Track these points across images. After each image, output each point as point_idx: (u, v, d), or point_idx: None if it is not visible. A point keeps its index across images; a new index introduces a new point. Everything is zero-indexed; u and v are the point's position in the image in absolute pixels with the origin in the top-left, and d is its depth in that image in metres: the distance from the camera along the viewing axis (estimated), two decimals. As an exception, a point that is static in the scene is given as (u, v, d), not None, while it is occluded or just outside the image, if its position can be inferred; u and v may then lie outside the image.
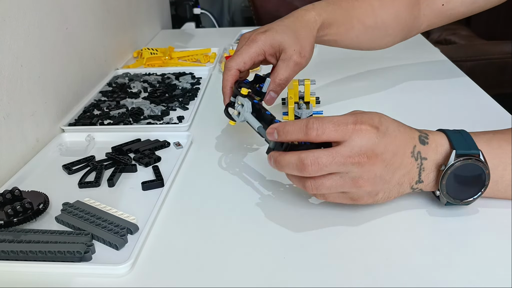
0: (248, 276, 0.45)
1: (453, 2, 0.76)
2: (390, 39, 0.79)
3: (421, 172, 0.50)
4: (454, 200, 0.50)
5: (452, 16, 0.78)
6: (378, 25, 0.76)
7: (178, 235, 0.51)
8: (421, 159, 0.49)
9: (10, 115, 0.65)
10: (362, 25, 0.75)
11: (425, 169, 0.49)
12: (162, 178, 0.60)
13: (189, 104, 0.85)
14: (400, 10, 0.76)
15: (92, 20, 0.96)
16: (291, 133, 0.49)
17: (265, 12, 1.96)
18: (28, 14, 0.71)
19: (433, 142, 0.50)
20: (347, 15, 0.74)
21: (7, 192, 0.55)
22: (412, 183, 0.50)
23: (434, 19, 0.79)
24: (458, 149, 0.48)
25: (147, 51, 1.10)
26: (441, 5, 0.76)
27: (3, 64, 0.64)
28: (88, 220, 0.52)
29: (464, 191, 0.49)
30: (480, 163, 0.48)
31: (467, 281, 0.42)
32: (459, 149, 0.48)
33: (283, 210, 0.54)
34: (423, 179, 0.50)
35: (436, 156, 0.49)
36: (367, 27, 0.75)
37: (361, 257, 0.46)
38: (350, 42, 0.77)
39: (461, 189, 0.49)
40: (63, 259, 0.46)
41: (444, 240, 0.48)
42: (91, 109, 0.84)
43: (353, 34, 0.75)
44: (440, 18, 0.78)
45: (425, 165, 0.49)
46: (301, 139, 0.49)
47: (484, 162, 0.48)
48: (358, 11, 0.74)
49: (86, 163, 0.66)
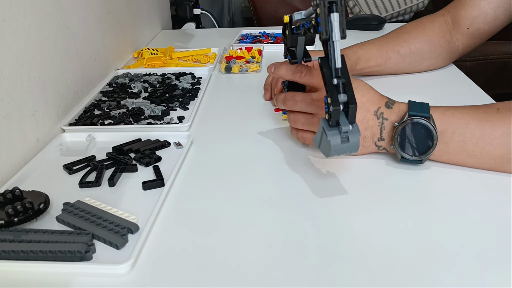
0: (248, 276, 0.45)
1: (476, 24, 0.84)
2: (429, 62, 0.91)
3: (382, 130, 0.60)
4: (406, 154, 0.59)
5: (481, 35, 0.86)
6: (412, 51, 0.88)
7: (178, 235, 0.51)
8: (383, 119, 0.59)
9: (11, 115, 0.65)
10: (398, 54, 0.88)
11: (385, 128, 0.60)
12: (162, 178, 0.61)
13: (189, 104, 0.85)
14: (432, 36, 0.87)
15: (92, 20, 0.96)
16: (283, 69, 0.64)
17: (265, 13, 1.96)
18: (28, 14, 0.71)
19: (396, 107, 0.60)
20: (382, 49, 0.87)
21: (7, 192, 0.55)
22: (374, 139, 0.61)
23: (467, 41, 0.87)
24: (411, 111, 0.58)
25: (147, 51, 1.11)
26: (467, 29, 0.86)
27: (3, 64, 0.64)
28: (89, 219, 0.52)
29: (415, 147, 0.58)
30: (427, 123, 0.56)
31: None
32: (412, 111, 0.58)
33: (284, 210, 0.54)
34: (384, 136, 0.60)
35: (396, 117, 0.59)
36: (403, 54, 0.88)
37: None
38: (390, 70, 0.89)
39: (412, 146, 0.58)
40: (63, 258, 0.47)
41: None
42: (92, 109, 0.84)
43: (392, 63, 0.88)
44: (472, 40, 0.87)
45: (385, 124, 0.60)
46: (288, 77, 0.64)
47: (431, 123, 0.56)
48: (391, 43, 0.87)
49: (86, 163, 0.66)
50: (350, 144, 0.52)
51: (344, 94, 0.51)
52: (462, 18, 0.86)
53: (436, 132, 0.57)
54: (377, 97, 0.60)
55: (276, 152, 0.68)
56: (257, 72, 1.03)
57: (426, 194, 0.56)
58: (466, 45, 0.88)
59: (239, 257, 0.47)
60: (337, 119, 0.51)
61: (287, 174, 0.62)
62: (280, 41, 1.24)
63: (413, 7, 1.99)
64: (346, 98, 0.51)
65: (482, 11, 0.83)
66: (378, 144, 0.61)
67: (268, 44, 1.21)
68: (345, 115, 0.51)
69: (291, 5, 1.90)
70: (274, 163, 0.64)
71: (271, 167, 0.64)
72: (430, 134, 0.57)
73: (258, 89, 0.93)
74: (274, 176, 0.61)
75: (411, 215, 0.52)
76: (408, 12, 2.01)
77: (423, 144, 0.58)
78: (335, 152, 0.52)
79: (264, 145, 0.70)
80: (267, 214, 0.54)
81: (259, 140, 0.72)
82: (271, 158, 0.66)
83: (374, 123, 0.60)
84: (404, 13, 2.00)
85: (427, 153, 0.58)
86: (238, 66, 1.03)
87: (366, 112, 0.59)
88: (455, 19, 0.87)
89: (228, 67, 1.03)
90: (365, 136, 0.60)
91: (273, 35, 1.29)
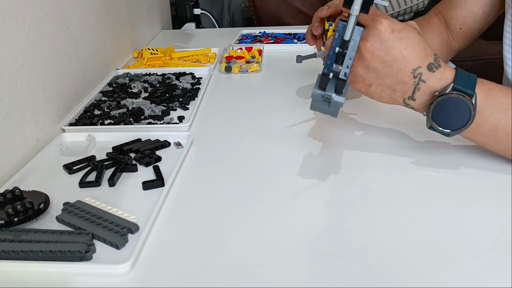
0: (248, 276, 0.45)
1: (467, 23, 0.85)
2: None
3: (416, 90, 0.57)
4: (436, 126, 0.57)
5: (473, 34, 0.86)
6: None
7: (178, 235, 0.51)
8: (420, 80, 0.56)
9: (11, 115, 0.65)
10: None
11: (420, 89, 0.57)
12: (162, 178, 0.61)
13: (189, 104, 0.85)
14: (432, 37, 0.87)
15: (92, 20, 0.96)
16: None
17: (265, 13, 1.96)
18: (28, 14, 0.71)
19: (439, 73, 0.56)
20: None
21: (7, 192, 0.55)
22: (404, 96, 0.58)
23: (462, 40, 0.88)
24: (456, 84, 0.55)
25: (147, 51, 1.11)
26: (459, 29, 0.86)
27: (4, 64, 0.64)
28: (89, 219, 0.52)
29: (447, 122, 0.57)
30: (469, 102, 0.54)
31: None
32: (457, 84, 0.55)
33: (284, 210, 0.54)
34: (416, 97, 0.58)
35: (436, 84, 0.56)
36: None
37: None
38: None
39: (445, 118, 0.57)
40: (63, 258, 0.47)
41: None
42: (92, 109, 0.84)
43: None
44: (466, 38, 0.87)
45: (421, 86, 0.57)
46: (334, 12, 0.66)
47: (473, 103, 0.54)
48: None
49: (86, 163, 0.66)
50: (330, 108, 0.55)
51: (340, 65, 0.52)
52: (453, 18, 0.86)
53: (475, 112, 0.55)
54: (421, 54, 0.56)
55: (276, 152, 0.68)
56: (257, 72, 1.03)
57: (426, 194, 0.56)
58: (462, 43, 0.89)
59: (239, 257, 0.47)
60: (325, 83, 0.53)
61: (287, 173, 0.62)
62: (280, 41, 1.24)
63: (413, 7, 1.99)
64: (338, 70, 0.52)
65: (471, 11, 0.84)
66: (407, 102, 0.59)
67: (268, 44, 1.21)
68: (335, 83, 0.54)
69: (291, 5, 1.90)
70: (274, 163, 0.64)
71: (271, 166, 0.64)
72: (468, 113, 0.55)
73: (258, 89, 0.93)
74: (274, 176, 0.61)
75: (410, 215, 0.52)
76: (408, 12, 2.01)
77: (457, 121, 0.56)
78: (314, 108, 0.56)
79: (264, 145, 0.70)
80: (267, 214, 0.54)
81: (259, 140, 0.72)
82: (271, 158, 0.66)
83: (408, 80, 0.57)
84: (404, 13, 2.00)
85: (458, 130, 0.57)
86: (238, 66, 1.03)
87: (404, 67, 0.56)
88: (447, 19, 0.87)
89: (228, 67, 1.03)
90: (395, 90, 0.58)
91: (273, 35, 1.29)
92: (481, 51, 1.67)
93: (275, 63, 1.07)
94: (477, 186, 0.57)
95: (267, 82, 0.96)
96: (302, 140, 0.70)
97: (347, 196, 0.56)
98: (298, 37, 1.26)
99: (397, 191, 0.57)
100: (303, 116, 0.78)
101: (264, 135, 0.73)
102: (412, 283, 0.43)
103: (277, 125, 0.76)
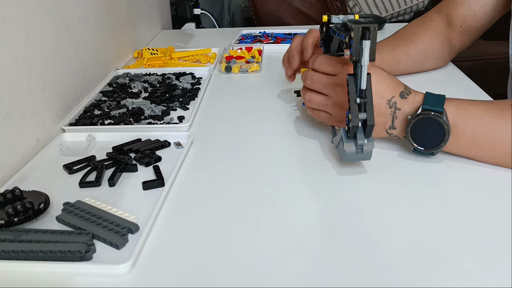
0: (248, 276, 0.45)
1: (468, 22, 0.86)
2: (433, 61, 0.92)
3: (394, 119, 0.61)
4: (418, 146, 0.60)
5: (474, 32, 0.87)
6: (420, 52, 0.89)
7: (178, 235, 0.51)
8: (395, 108, 0.61)
9: (11, 115, 0.65)
10: (407, 56, 0.88)
11: (398, 117, 0.61)
12: (162, 178, 0.61)
13: (189, 104, 0.85)
14: (434, 35, 0.88)
15: (92, 20, 0.96)
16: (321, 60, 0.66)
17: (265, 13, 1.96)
18: (28, 14, 0.71)
19: (411, 98, 0.61)
20: (393, 52, 0.87)
21: (7, 191, 0.55)
22: (386, 126, 0.62)
23: (463, 39, 0.89)
24: (425, 105, 0.59)
25: (147, 51, 1.11)
26: (460, 27, 0.87)
27: (4, 64, 0.64)
28: (89, 219, 0.52)
29: (427, 141, 0.60)
30: (440, 119, 0.57)
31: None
32: (426, 105, 0.59)
33: (284, 209, 0.54)
34: (396, 125, 0.62)
35: (410, 109, 0.60)
36: (411, 56, 0.88)
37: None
38: (398, 72, 0.88)
39: (424, 138, 0.60)
40: (63, 258, 0.47)
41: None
42: (92, 109, 0.84)
43: (401, 65, 0.88)
44: (467, 37, 0.88)
45: (398, 114, 0.61)
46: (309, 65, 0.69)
47: (444, 119, 0.57)
48: (400, 46, 0.88)
49: (86, 163, 0.66)
50: (364, 154, 0.58)
51: (364, 112, 0.56)
52: (454, 16, 0.87)
53: (449, 127, 0.58)
54: (392, 86, 0.61)
55: (277, 151, 0.68)
56: (257, 72, 1.03)
57: (425, 194, 0.56)
58: (462, 42, 0.89)
59: (239, 257, 0.47)
60: (355, 133, 0.57)
61: (287, 173, 0.62)
62: (280, 41, 1.24)
63: (413, 7, 1.99)
64: (365, 116, 0.56)
65: (472, 9, 0.85)
66: (389, 131, 0.63)
67: (268, 44, 1.21)
68: (363, 130, 0.57)
69: (291, 5, 1.90)
70: (274, 163, 0.64)
71: (271, 166, 0.64)
72: (442, 129, 0.58)
73: (258, 89, 0.93)
74: (275, 176, 0.61)
75: (411, 215, 0.52)
76: (408, 12, 2.01)
77: (435, 138, 0.59)
78: (349, 160, 0.59)
79: (264, 145, 0.70)
80: (267, 214, 0.54)
81: (259, 140, 0.72)
82: (271, 158, 0.66)
83: (386, 111, 0.61)
84: (404, 13, 2.00)
85: (438, 146, 0.59)
86: (238, 66, 1.03)
87: (380, 100, 0.61)
88: (448, 17, 0.88)
89: (228, 67, 1.03)
90: (377, 122, 0.61)
91: (273, 35, 1.30)
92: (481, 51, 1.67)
93: (275, 63, 1.06)
94: (477, 186, 0.57)
95: (267, 82, 0.96)
96: (302, 140, 0.70)
97: (347, 196, 0.56)
98: (298, 37, 1.26)
99: (397, 191, 0.57)
100: (303, 116, 0.78)
101: (264, 135, 0.73)
102: (412, 283, 0.43)
103: (277, 125, 0.76)
